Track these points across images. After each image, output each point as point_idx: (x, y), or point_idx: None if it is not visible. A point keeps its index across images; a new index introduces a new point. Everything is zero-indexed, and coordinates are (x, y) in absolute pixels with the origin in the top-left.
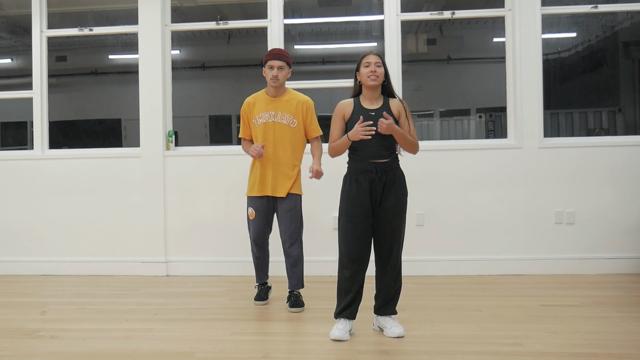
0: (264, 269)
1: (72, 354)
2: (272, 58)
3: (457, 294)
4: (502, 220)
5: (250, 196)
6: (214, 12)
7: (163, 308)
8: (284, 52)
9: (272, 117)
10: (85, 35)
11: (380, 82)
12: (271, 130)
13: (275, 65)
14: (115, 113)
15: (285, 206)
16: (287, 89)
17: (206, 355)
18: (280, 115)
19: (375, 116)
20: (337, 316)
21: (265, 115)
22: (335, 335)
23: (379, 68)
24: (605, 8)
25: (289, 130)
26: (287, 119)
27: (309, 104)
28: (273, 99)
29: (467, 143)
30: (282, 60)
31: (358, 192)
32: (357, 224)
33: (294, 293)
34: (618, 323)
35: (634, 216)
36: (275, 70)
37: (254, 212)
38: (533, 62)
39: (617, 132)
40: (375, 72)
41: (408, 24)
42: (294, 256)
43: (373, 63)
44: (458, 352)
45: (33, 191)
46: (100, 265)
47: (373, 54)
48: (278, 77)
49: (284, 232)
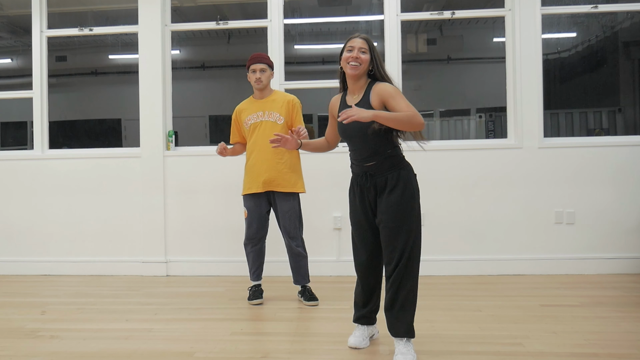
0: (258, 269)
1: (72, 354)
2: (253, 62)
3: (457, 294)
4: (502, 220)
5: (244, 195)
6: (214, 12)
7: (163, 308)
8: (264, 55)
9: (260, 117)
10: (85, 35)
11: (363, 71)
12: (260, 129)
13: (257, 69)
14: (115, 113)
15: (284, 207)
16: (273, 90)
17: (206, 355)
18: (268, 113)
19: None
20: (354, 321)
21: (253, 116)
22: (351, 342)
23: (364, 55)
24: (605, 8)
25: (276, 127)
26: (274, 116)
27: (295, 102)
28: (260, 100)
29: (467, 143)
30: (263, 62)
31: (353, 198)
32: (357, 229)
33: (307, 287)
34: (618, 323)
35: (634, 216)
36: (257, 73)
37: (246, 211)
38: (533, 62)
39: (617, 132)
40: (357, 58)
41: (408, 24)
42: (296, 253)
43: (357, 48)
44: (458, 352)
45: (33, 191)
46: (100, 265)
47: (359, 37)
48: (261, 79)
49: (284, 231)
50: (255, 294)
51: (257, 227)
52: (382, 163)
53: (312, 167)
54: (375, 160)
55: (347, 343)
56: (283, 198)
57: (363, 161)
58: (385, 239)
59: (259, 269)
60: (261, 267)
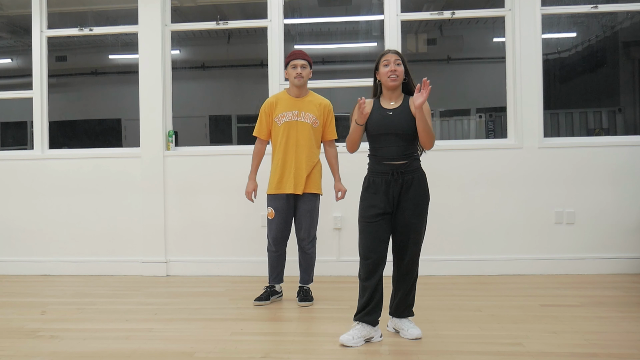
0: (278, 270)
1: (72, 354)
2: (295, 58)
3: (457, 294)
4: (502, 220)
5: (270, 194)
6: (214, 12)
7: (163, 308)
8: (305, 52)
9: (296, 117)
10: (85, 35)
11: (401, 81)
12: (294, 129)
13: (299, 64)
14: (115, 113)
15: (305, 207)
16: (309, 91)
17: (206, 355)
18: (304, 114)
19: (393, 115)
20: (355, 318)
21: (288, 114)
22: (342, 339)
23: (399, 67)
24: (605, 8)
25: (311, 130)
26: (310, 118)
27: (330, 107)
28: (296, 99)
29: (467, 143)
30: (304, 59)
31: (374, 194)
32: (371, 224)
33: (303, 288)
34: (618, 323)
35: (634, 216)
36: (299, 68)
37: (273, 212)
38: (533, 62)
39: (617, 132)
40: (395, 71)
41: (408, 24)
42: (310, 254)
43: (392, 61)
44: (458, 352)
45: (33, 191)
46: (100, 265)
47: (392, 52)
48: (302, 74)
49: (303, 231)
50: (263, 295)
51: (283, 228)
52: (412, 163)
53: None
54: (406, 159)
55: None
56: (309, 198)
57: (394, 160)
58: (404, 234)
59: (281, 273)
60: (282, 272)
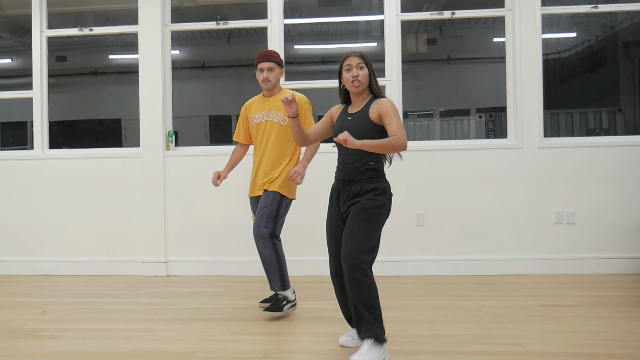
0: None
1: (72, 354)
2: (261, 60)
3: (457, 294)
4: (502, 220)
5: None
6: (214, 12)
7: (163, 308)
8: (273, 53)
9: (265, 117)
10: (85, 35)
11: (364, 87)
12: (263, 129)
13: (265, 67)
14: (115, 113)
15: (261, 204)
16: (283, 89)
17: (206, 355)
18: (272, 113)
19: (351, 120)
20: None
21: (259, 115)
22: (341, 340)
23: (362, 70)
24: (605, 8)
25: (280, 128)
26: (278, 116)
27: (302, 101)
28: (267, 98)
29: (467, 143)
30: (271, 61)
31: (330, 201)
32: (329, 233)
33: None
34: (618, 323)
35: (634, 216)
36: (265, 72)
37: (253, 215)
38: (533, 62)
39: (617, 132)
40: (357, 76)
41: (408, 24)
42: (260, 252)
43: (354, 65)
44: (458, 352)
45: (33, 191)
46: (100, 265)
47: (353, 55)
48: (269, 78)
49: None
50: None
51: None
52: (363, 172)
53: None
54: (357, 167)
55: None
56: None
57: (346, 167)
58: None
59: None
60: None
